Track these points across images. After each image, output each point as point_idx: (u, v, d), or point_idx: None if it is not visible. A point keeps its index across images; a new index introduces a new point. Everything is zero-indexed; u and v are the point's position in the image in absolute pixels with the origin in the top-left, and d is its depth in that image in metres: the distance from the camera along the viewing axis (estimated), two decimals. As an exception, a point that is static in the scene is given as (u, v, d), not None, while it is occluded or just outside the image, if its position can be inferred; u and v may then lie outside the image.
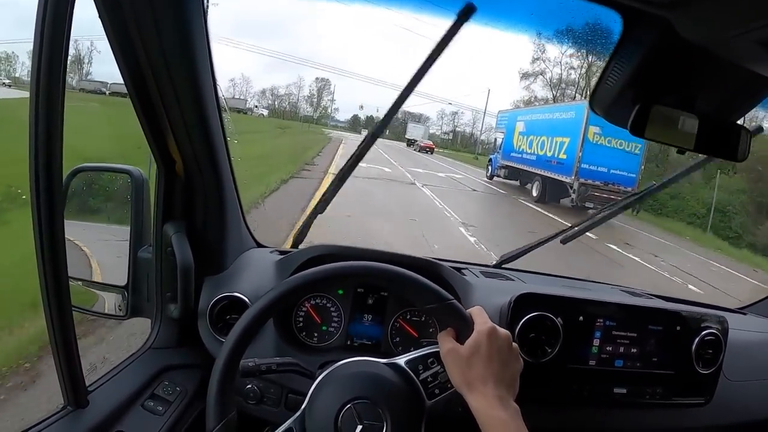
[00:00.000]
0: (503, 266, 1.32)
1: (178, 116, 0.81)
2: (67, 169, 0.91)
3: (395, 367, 0.74)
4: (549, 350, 0.93)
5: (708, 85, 0.83)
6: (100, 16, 0.69)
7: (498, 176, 17.27)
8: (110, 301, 1.04)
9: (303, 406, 0.70)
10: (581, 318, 0.95)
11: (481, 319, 0.70)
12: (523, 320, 0.92)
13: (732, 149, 0.84)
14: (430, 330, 0.99)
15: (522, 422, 0.64)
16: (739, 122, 0.88)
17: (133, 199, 0.93)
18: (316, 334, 0.98)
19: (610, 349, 0.97)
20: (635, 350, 0.98)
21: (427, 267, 1.00)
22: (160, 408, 0.85)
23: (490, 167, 18.35)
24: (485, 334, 0.67)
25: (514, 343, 0.71)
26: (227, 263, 1.01)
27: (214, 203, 0.95)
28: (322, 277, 0.72)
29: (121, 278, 0.97)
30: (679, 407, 1.03)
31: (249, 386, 0.85)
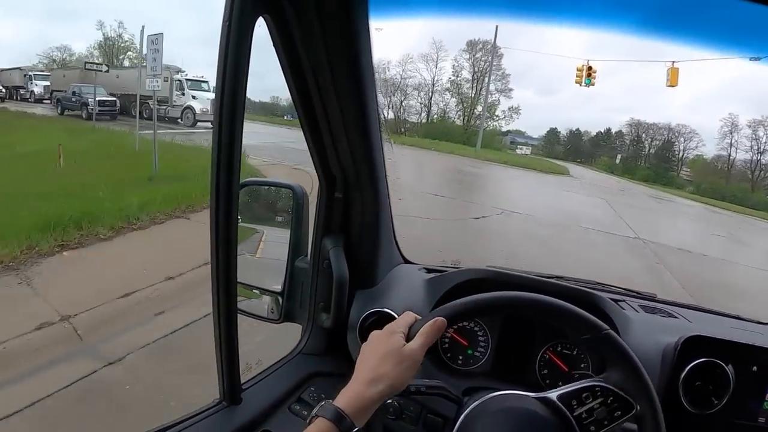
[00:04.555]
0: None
1: (342, 134, 0.84)
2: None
3: (547, 401, 0.69)
4: (716, 401, 0.84)
5: None
6: (273, 44, 0.74)
7: None
8: (265, 305, 1.13)
9: None
10: (755, 368, 0.85)
11: None
12: (690, 366, 0.84)
13: None
14: (582, 365, 0.92)
15: None
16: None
17: (294, 213, 1.00)
18: (461, 357, 0.96)
19: None
20: None
21: (584, 297, 0.93)
22: (305, 412, 0.87)
23: None
24: None
25: None
26: (378, 278, 1.03)
27: (370, 219, 0.97)
28: (480, 306, 0.72)
29: (278, 283, 1.04)
30: None
31: (390, 401, 0.83)
